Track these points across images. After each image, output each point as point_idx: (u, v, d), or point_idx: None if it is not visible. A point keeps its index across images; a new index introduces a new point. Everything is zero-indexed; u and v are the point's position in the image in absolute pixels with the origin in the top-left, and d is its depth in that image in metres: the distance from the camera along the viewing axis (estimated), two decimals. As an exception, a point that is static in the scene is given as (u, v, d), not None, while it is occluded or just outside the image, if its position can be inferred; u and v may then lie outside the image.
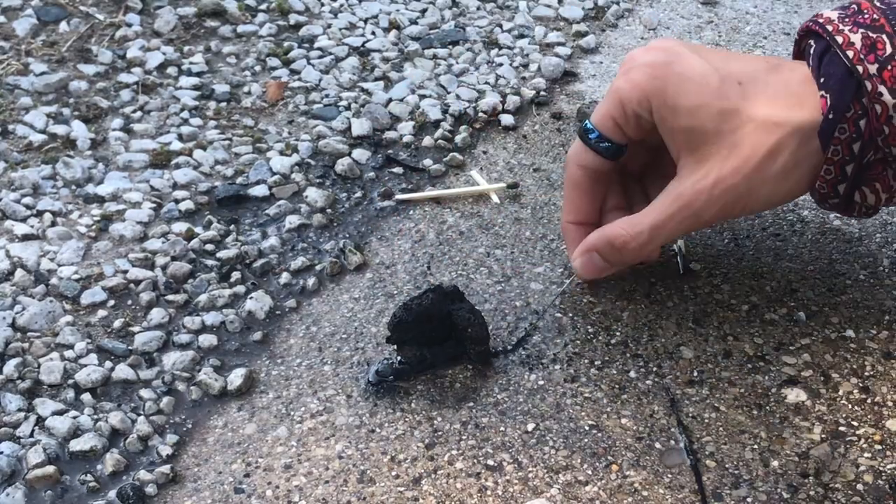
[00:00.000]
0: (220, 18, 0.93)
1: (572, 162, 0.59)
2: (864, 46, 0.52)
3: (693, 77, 0.54)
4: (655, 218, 0.56)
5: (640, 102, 0.55)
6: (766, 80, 0.55)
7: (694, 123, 0.54)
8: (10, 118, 0.79)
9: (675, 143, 0.55)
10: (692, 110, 0.54)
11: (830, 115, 0.53)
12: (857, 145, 0.53)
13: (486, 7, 0.96)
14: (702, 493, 0.51)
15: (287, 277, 0.65)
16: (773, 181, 0.54)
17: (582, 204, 0.60)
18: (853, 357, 0.58)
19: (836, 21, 0.54)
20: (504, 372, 0.58)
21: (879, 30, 0.53)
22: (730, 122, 0.53)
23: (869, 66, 0.52)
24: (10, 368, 0.58)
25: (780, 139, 0.53)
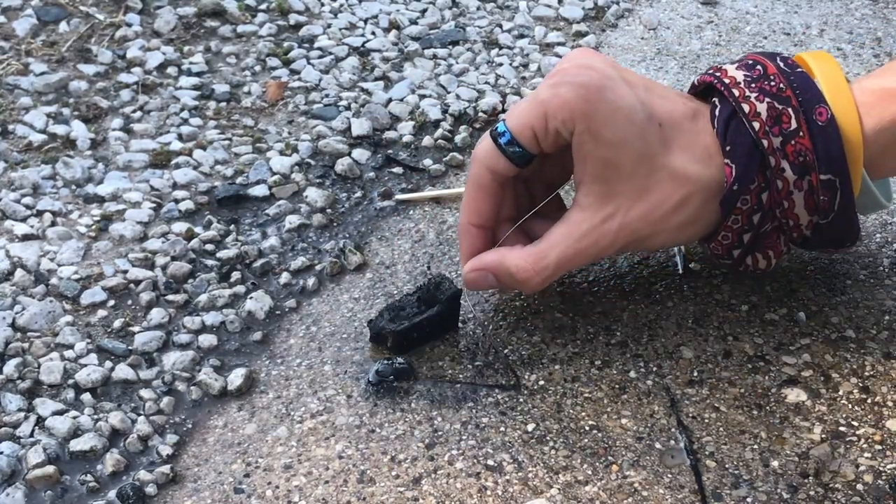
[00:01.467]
0: (220, 18, 0.93)
1: (481, 163, 0.56)
2: (770, 118, 0.53)
3: (622, 109, 0.53)
4: (560, 254, 0.55)
5: (564, 122, 0.53)
6: (681, 127, 0.54)
7: (611, 157, 0.53)
8: (10, 118, 0.79)
9: (586, 169, 0.54)
10: (614, 144, 0.53)
11: (735, 187, 0.53)
12: (756, 216, 0.54)
13: (486, 7, 0.96)
14: (702, 493, 0.51)
15: (287, 277, 0.65)
16: (673, 230, 0.55)
17: (486, 207, 0.57)
18: (853, 357, 0.58)
19: (742, 85, 0.54)
20: (504, 372, 0.58)
21: (786, 101, 0.53)
22: (645, 166, 0.53)
23: (774, 138, 0.52)
24: (10, 368, 0.58)
25: (688, 193, 0.54)
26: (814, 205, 0.54)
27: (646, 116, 0.53)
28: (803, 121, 0.53)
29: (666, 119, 0.54)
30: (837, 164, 0.53)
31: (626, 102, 0.53)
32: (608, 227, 0.54)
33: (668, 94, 0.56)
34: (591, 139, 0.53)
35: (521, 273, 0.55)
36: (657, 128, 0.53)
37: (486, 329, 0.61)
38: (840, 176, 0.53)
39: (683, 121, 0.54)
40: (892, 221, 0.69)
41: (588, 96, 0.52)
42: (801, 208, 0.54)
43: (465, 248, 0.58)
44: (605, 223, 0.54)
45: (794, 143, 0.52)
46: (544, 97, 0.54)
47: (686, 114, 0.55)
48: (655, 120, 0.53)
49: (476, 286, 0.58)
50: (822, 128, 0.52)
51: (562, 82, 0.53)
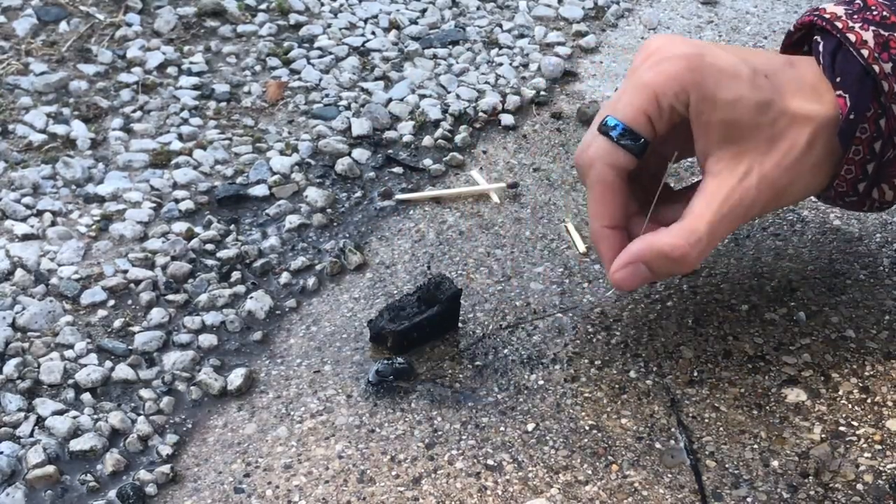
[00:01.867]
0: (220, 18, 0.93)
1: (601, 162, 0.55)
2: (878, 45, 0.52)
3: (727, 69, 0.53)
4: (710, 222, 0.53)
5: (677, 95, 0.53)
6: (785, 74, 0.54)
7: (732, 116, 0.53)
8: (10, 118, 0.79)
9: (710, 138, 0.54)
10: (731, 103, 0.52)
11: (851, 116, 0.52)
12: (877, 144, 0.53)
13: (486, 7, 0.96)
14: (702, 493, 0.51)
15: (287, 277, 0.65)
16: (808, 174, 0.54)
17: (616, 207, 0.56)
18: (853, 357, 0.58)
19: (845, 17, 0.54)
20: (504, 372, 0.58)
21: (892, 28, 0.52)
22: (766, 115, 0.53)
23: (884, 64, 0.52)
24: (10, 368, 0.58)
25: (813, 131, 0.53)
26: None
27: (750, 70, 0.53)
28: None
29: (769, 69, 0.54)
30: None
31: (728, 62, 0.53)
32: (748, 182, 0.53)
33: (763, 52, 0.56)
34: (709, 105, 0.52)
35: (677, 250, 0.53)
36: (764, 79, 0.53)
37: (486, 329, 0.61)
38: None
39: (785, 68, 0.54)
40: (892, 221, 0.69)
41: (691, 65, 0.52)
42: None
43: (606, 252, 0.56)
44: (744, 180, 0.53)
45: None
46: (647, 79, 0.53)
47: (784, 62, 0.55)
48: (761, 72, 0.53)
49: (629, 284, 0.55)
50: None
51: (661, 59, 0.53)
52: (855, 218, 0.69)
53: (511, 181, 0.73)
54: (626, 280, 0.54)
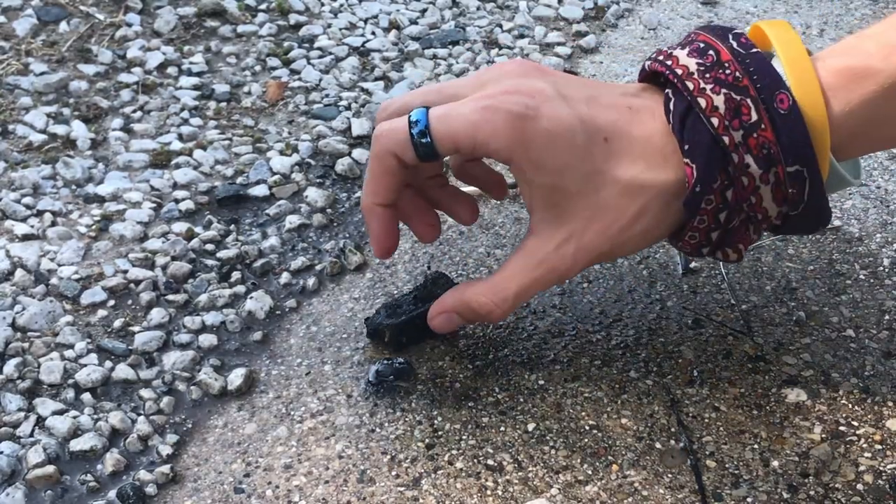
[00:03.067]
0: (220, 18, 0.93)
1: (387, 149, 0.53)
2: (729, 111, 0.49)
3: (561, 133, 0.50)
4: (520, 284, 0.53)
5: (497, 151, 0.51)
6: (630, 136, 0.52)
7: (557, 182, 0.51)
8: (10, 118, 0.79)
9: (534, 196, 0.52)
10: (556, 170, 0.51)
11: (697, 188, 0.50)
12: (722, 214, 0.52)
13: (486, 7, 0.96)
14: (702, 493, 0.51)
15: (287, 277, 0.65)
16: (636, 239, 0.53)
17: (390, 188, 0.54)
18: (853, 357, 0.58)
19: (696, 76, 0.51)
20: (504, 372, 0.58)
21: (744, 91, 0.50)
22: (593, 183, 0.51)
23: (734, 133, 0.49)
24: (10, 368, 0.58)
25: (644, 203, 0.51)
26: (782, 197, 0.51)
27: (587, 136, 0.51)
28: (763, 111, 0.49)
29: (611, 132, 0.51)
30: (803, 153, 0.49)
31: (565, 125, 0.50)
32: (565, 251, 0.52)
33: (614, 101, 0.53)
34: (532, 168, 0.51)
35: (483, 308, 0.54)
36: (603, 143, 0.51)
37: (486, 329, 0.61)
38: (808, 165, 0.50)
39: (632, 128, 0.52)
40: (892, 221, 0.69)
41: (524, 126, 0.50)
42: (770, 201, 0.51)
43: (374, 227, 0.56)
44: (561, 248, 0.52)
45: (756, 135, 0.49)
46: (475, 119, 0.51)
47: (629, 118, 0.52)
48: (600, 135, 0.51)
49: (445, 329, 0.57)
50: (785, 116, 0.49)
51: (494, 107, 0.50)
52: (855, 218, 0.70)
53: (511, 181, 0.73)
54: (443, 326, 0.56)
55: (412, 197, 0.58)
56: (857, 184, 0.54)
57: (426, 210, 0.59)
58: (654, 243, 0.57)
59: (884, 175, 0.74)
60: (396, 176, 0.54)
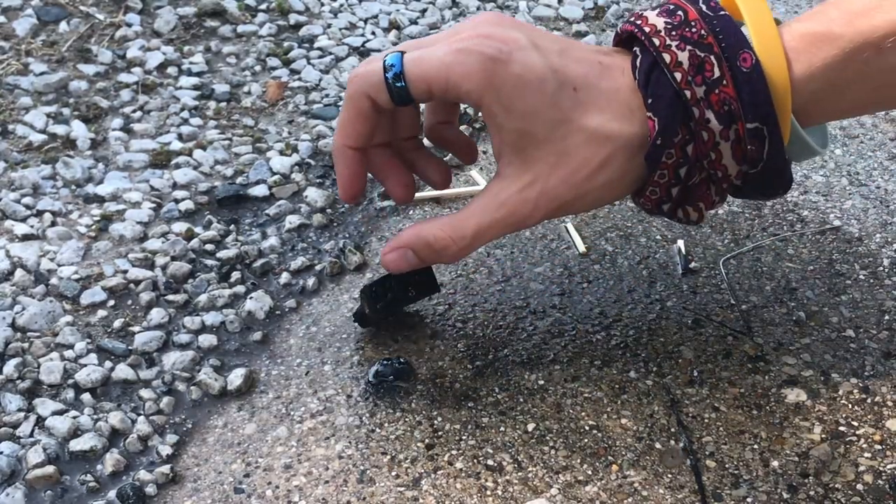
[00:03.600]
0: (220, 18, 0.93)
1: (363, 89, 0.53)
2: (692, 67, 0.50)
3: (531, 80, 0.51)
4: (479, 223, 0.53)
5: (468, 93, 0.52)
6: (598, 88, 0.52)
7: (525, 127, 0.52)
8: (10, 118, 0.79)
9: (502, 140, 0.53)
10: (525, 114, 0.51)
11: (658, 141, 0.51)
12: (683, 170, 0.52)
13: (485, 7, 0.96)
14: (702, 493, 0.51)
15: (287, 277, 0.65)
16: (599, 190, 0.53)
17: (363, 131, 0.55)
18: (853, 357, 0.58)
19: (663, 33, 0.52)
20: (504, 372, 0.58)
21: (708, 49, 0.50)
22: (560, 130, 0.52)
23: (697, 88, 0.50)
24: (10, 368, 0.58)
25: (609, 153, 0.52)
26: (741, 154, 0.52)
27: (558, 84, 0.51)
28: (726, 68, 0.50)
29: (581, 83, 0.52)
30: (764, 111, 0.50)
31: (537, 72, 0.51)
32: (527, 194, 0.53)
33: (586, 56, 0.54)
34: (503, 111, 0.52)
35: (439, 242, 0.54)
36: (572, 92, 0.52)
37: (486, 329, 0.61)
38: (767, 123, 0.50)
39: (601, 81, 0.53)
40: (892, 221, 0.69)
41: (495, 69, 0.51)
42: (730, 159, 0.52)
43: (342, 169, 0.56)
44: (524, 191, 0.53)
45: (718, 91, 0.50)
46: (448, 61, 0.52)
47: (599, 71, 0.53)
48: (570, 85, 0.52)
49: (396, 266, 0.56)
50: (747, 74, 0.50)
51: (468, 49, 0.51)
52: (855, 218, 0.70)
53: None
54: (396, 263, 0.56)
55: (388, 157, 0.59)
56: (822, 153, 0.54)
57: (401, 170, 0.59)
58: (617, 199, 0.56)
59: (884, 175, 0.74)
60: (369, 120, 0.55)
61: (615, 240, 0.68)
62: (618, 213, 0.70)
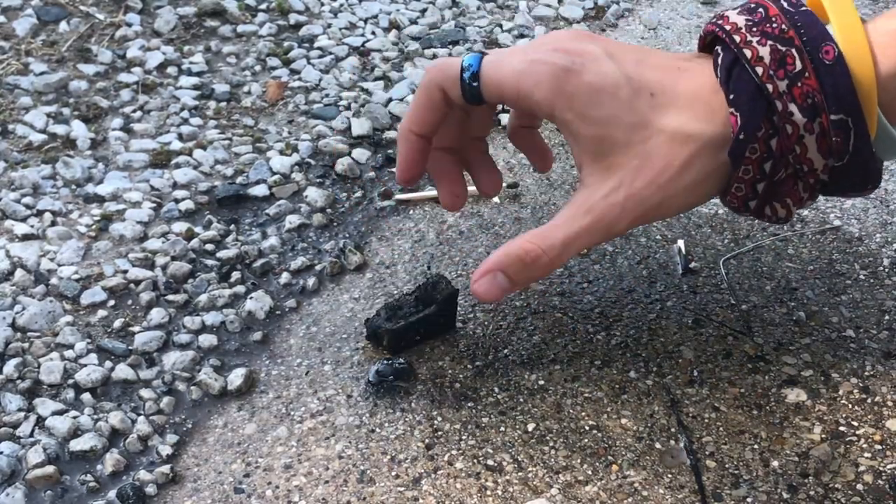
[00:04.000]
0: (220, 18, 0.93)
1: (437, 80, 0.55)
2: (774, 61, 0.50)
3: (605, 87, 0.51)
4: (567, 232, 0.53)
5: (539, 104, 0.52)
6: (676, 91, 0.53)
7: (603, 133, 0.52)
8: (10, 118, 0.79)
9: (581, 149, 0.53)
10: (602, 120, 0.51)
11: (741, 136, 0.51)
12: (768, 164, 0.52)
13: (486, 7, 0.96)
14: (702, 493, 0.51)
15: (287, 277, 0.65)
16: (685, 192, 0.53)
17: (430, 120, 0.56)
18: (853, 357, 0.58)
19: (744, 30, 0.52)
20: (504, 372, 0.58)
21: (789, 42, 0.51)
22: (640, 134, 0.52)
23: (779, 82, 0.50)
24: (10, 368, 0.58)
25: (692, 152, 0.52)
26: (827, 147, 0.51)
27: (633, 90, 0.52)
28: (808, 61, 0.50)
29: (657, 88, 0.52)
30: (848, 102, 0.50)
31: (610, 80, 0.52)
32: (614, 198, 0.52)
33: (664, 62, 0.54)
34: (578, 119, 0.52)
35: (530, 254, 0.53)
36: (649, 97, 0.52)
37: (486, 329, 0.61)
38: (852, 115, 0.50)
39: (678, 84, 0.53)
40: (892, 221, 0.69)
41: (567, 79, 0.51)
42: (815, 152, 0.51)
43: (403, 152, 0.57)
44: (610, 196, 0.52)
45: (800, 84, 0.50)
46: (521, 69, 0.52)
47: (677, 75, 0.53)
48: (646, 90, 0.52)
49: (491, 295, 0.54)
50: (830, 66, 0.50)
51: (542, 60, 0.52)
52: (855, 218, 0.70)
53: (511, 181, 0.73)
54: (485, 288, 0.54)
55: (450, 163, 0.60)
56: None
57: (458, 178, 0.60)
58: (704, 201, 0.56)
59: (884, 175, 0.74)
60: (438, 110, 0.56)
61: (615, 240, 0.68)
62: (618, 213, 0.70)
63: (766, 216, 0.55)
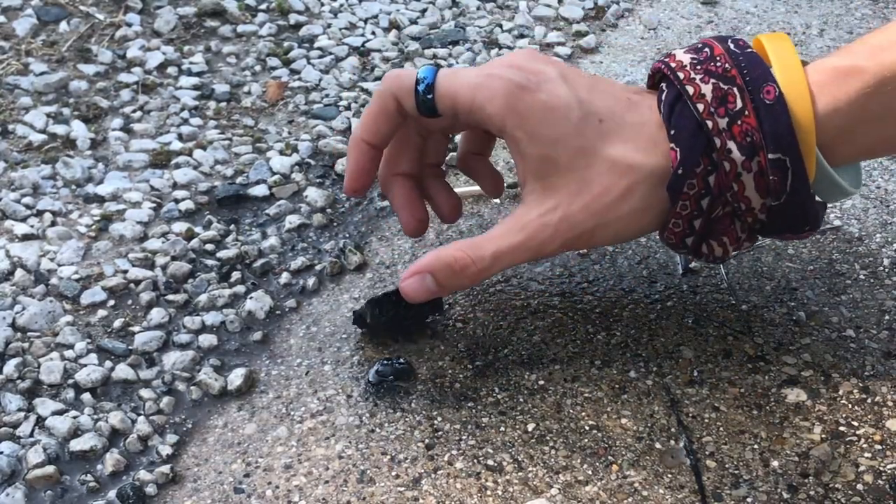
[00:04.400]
0: (220, 18, 0.93)
1: (392, 90, 0.55)
2: (715, 99, 0.51)
3: (557, 107, 0.52)
4: (499, 245, 0.54)
5: (491, 117, 0.53)
6: (623, 121, 0.53)
7: (548, 153, 0.52)
8: (10, 118, 0.79)
9: (525, 167, 0.54)
10: (549, 141, 0.52)
11: (679, 171, 0.52)
12: (705, 201, 0.52)
13: (486, 7, 0.96)
14: (702, 493, 0.51)
15: (287, 277, 0.65)
16: (619, 222, 0.53)
17: (381, 129, 0.57)
18: (853, 357, 0.58)
19: (688, 67, 0.53)
20: (504, 372, 0.58)
21: (731, 81, 0.51)
22: (584, 160, 0.52)
23: (719, 120, 0.51)
24: (10, 368, 0.58)
25: (631, 182, 0.52)
26: (765, 186, 0.52)
27: (583, 114, 0.52)
28: (749, 100, 0.51)
29: (606, 115, 0.53)
30: (786, 142, 0.50)
31: (562, 101, 0.52)
32: (548, 219, 0.53)
33: (615, 92, 0.55)
34: (526, 137, 0.52)
35: (458, 262, 0.54)
36: (597, 123, 0.53)
37: (486, 329, 0.61)
38: (790, 154, 0.50)
39: (626, 114, 0.53)
40: (892, 221, 0.69)
41: (521, 95, 0.52)
42: (752, 190, 0.52)
43: (351, 160, 0.58)
44: (546, 216, 0.53)
45: (740, 122, 0.50)
46: (476, 83, 0.53)
47: (626, 107, 0.54)
48: (595, 116, 0.53)
49: (416, 293, 0.55)
50: (770, 106, 0.50)
51: (497, 75, 0.53)
52: (855, 218, 0.70)
53: (511, 181, 0.73)
54: (413, 288, 0.55)
55: (410, 189, 0.60)
56: (853, 192, 0.54)
57: (418, 205, 0.60)
58: (640, 234, 0.57)
59: (884, 175, 0.74)
60: (390, 120, 0.56)
61: (615, 240, 0.68)
62: (618, 213, 0.70)
63: (702, 254, 0.55)
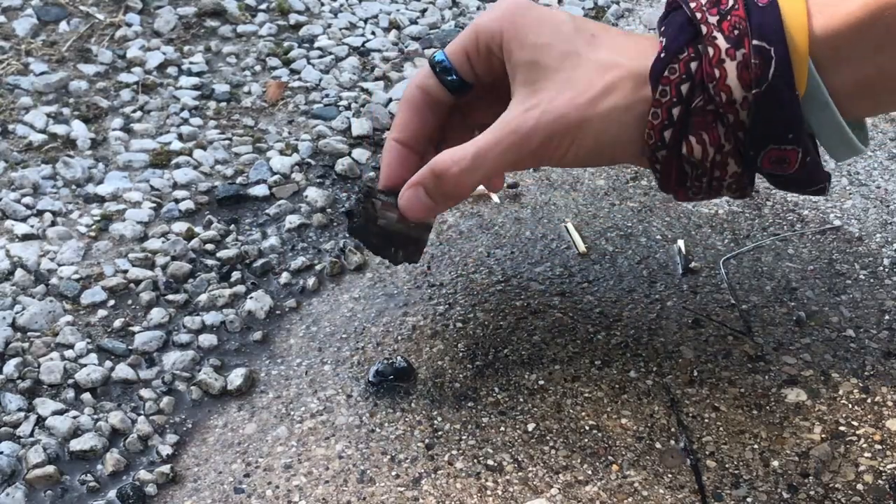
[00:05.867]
0: (220, 18, 0.93)
1: (415, 83, 0.58)
2: (709, 2, 0.52)
3: (550, 20, 0.54)
4: (480, 143, 0.54)
5: (493, 35, 0.55)
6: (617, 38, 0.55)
7: (537, 58, 0.54)
8: (10, 118, 0.79)
9: (516, 77, 0.55)
10: (538, 47, 0.54)
11: (662, 55, 0.52)
12: (685, 86, 0.52)
13: (485, 7, 0.96)
14: (702, 493, 0.51)
15: (287, 277, 0.65)
16: (602, 119, 0.53)
17: (413, 126, 0.58)
18: (853, 357, 0.58)
19: None
20: (504, 372, 0.58)
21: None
22: (570, 62, 0.54)
23: (710, 17, 0.51)
24: (10, 368, 0.58)
25: (615, 78, 0.53)
26: (748, 80, 0.50)
27: (576, 28, 0.54)
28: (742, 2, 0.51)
29: (601, 33, 0.55)
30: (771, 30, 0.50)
31: (558, 17, 0.55)
32: (530, 113, 0.53)
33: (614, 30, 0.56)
34: (518, 44, 0.54)
35: (438, 165, 0.54)
36: (589, 37, 0.54)
37: (486, 329, 0.61)
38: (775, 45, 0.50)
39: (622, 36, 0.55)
40: (892, 221, 0.69)
41: (516, 10, 0.55)
42: (734, 79, 0.50)
43: (386, 162, 0.58)
44: (529, 111, 0.53)
45: (729, 18, 0.51)
46: (475, 21, 0.56)
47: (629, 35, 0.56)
48: (589, 32, 0.55)
49: (412, 209, 0.56)
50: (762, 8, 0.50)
51: (493, 7, 0.56)
52: (855, 218, 0.70)
53: (511, 181, 0.73)
54: (409, 204, 0.56)
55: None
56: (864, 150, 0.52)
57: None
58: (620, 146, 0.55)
59: (884, 175, 0.74)
60: (420, 111, 0.58)
61: (615, 240, 0.68)
62: (618, 213, 0.71)
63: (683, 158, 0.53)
